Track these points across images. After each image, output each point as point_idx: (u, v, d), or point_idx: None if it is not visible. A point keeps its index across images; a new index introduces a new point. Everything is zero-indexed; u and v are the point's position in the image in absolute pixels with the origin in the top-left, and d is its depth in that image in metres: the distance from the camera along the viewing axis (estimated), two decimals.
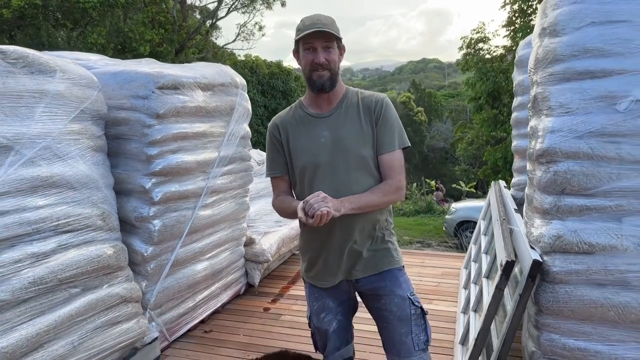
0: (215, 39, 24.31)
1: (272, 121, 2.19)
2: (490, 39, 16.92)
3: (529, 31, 13.66)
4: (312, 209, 1.74)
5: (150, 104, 3.30)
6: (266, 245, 4.54)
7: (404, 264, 2.23)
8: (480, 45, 16.88)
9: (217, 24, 23.76)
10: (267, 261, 4.51)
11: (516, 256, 2.69)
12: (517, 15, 15.54)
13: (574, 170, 2.43)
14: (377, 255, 2.11)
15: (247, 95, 4.21)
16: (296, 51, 2.05)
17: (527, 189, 2.88)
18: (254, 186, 4.65)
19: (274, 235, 4.76)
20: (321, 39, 1.96)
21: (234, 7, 22.75)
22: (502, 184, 4.46)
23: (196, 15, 23.85)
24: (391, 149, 2.05)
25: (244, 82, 4.18)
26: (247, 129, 4.21)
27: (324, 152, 2.02)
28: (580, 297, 2.42)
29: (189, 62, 10.17)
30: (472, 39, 16.98)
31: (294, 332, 3.73)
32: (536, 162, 2.62)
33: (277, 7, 22.41)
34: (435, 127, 44.24)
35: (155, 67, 3.63)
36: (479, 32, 16.94)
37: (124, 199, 3.37)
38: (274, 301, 4.33)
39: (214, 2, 22.43)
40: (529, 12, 15.18)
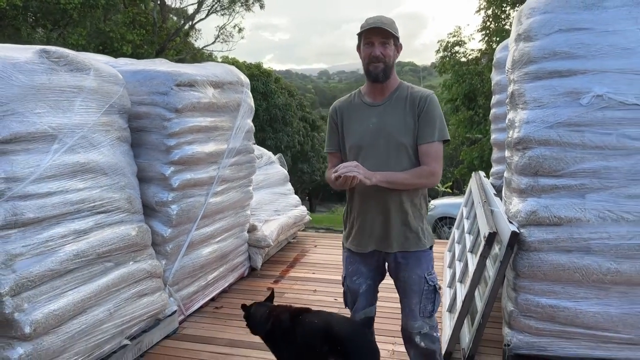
0: (194, 40, 24.44)
1: (332, 105, 2.54)
2: (466, 43, 17.51)
3: (503, 35, 14.25)
4: (343, 170, 2.11)
5: (169, 100, 3.65)
6: (267, 231, 4.92)
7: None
8: (456, 48, 17.42)
9: (196, 26, 23.91)
10: (268, 246, 4.89)
11: (497, 230, 3.11)
12: (491, 19, 16.16)
13: (545, 155, 2.88)
14: (408, 236, 2.42)
15: (250, 93, 4.58)
16: (358, 46, 2.40)
17: (505, 173, 3.32)
18: (254, 177, 5.01)
19: (274, 222, 5.15)
20: (379, 35, 2.27)
21: (213, 9, 22.92)
22: (482, 174, 4.93)
23: (173, 17, 23.89)
24: (430, 140, 2.31)
25: (248, 81, 4.57)
26: (251, 123, 4.59)
27: (369, 136, 2.35)
28: (551, 262, 2.87)
29: None
30: (448, 43, 17.51)
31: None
32: (514, 149, 3.07)
33: (255, 9, 22.67)
34: None
35: (170, 66, 3.98)
36: (455, 36, 17.48)
37: (145, 186, 3.71)
38: (276, 282, 4.71)
39: (193, 4, 22.60)
40: (503, 17, 15.80)
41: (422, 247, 2.45)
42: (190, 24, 23.07)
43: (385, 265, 2.57)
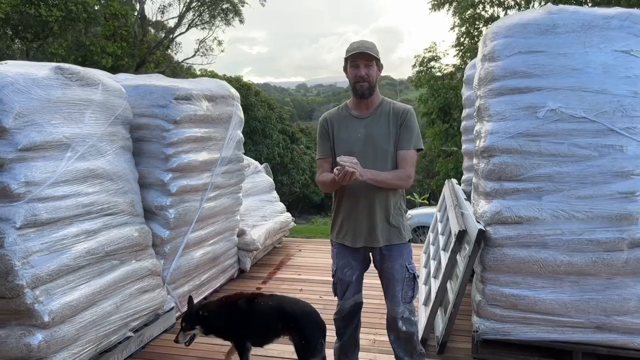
0: (175, 54, 24.66)
1: (323, 116, 2.89)
2: (441, 58, 18.13)
3: (476, 51, 14.83)
4: (347, 162, 2.42)
5: (169, 112, 3.98)
6: (255, 236, 5.24)
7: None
8: (432, 63, 18.02)
9: (176, 39, 24.14)
10: (256, 249, 5.21)
11: (466, 228, 3.49)
12: (464, 36, 16.81)
13: (507, 162, 3.28)
14: (390, 231, 2.79)
15: (240, 106, 4.93)
16: (345, 67, 2.76)
17: (473, 178, 3.72)
18: (242, 185, 5.33)
19: (261, 227, 5.47)
20: (363, 59, 2.64)
21: (194, 23, 23.19)
22: (454, 181, 5.34)
23: (151, 30, 24.03)
24: (407, 147, 2.69)
25: (238, 95, 4.91)
26: (241, 134, 4.93)
27: (358, 144, 2.70)
28: (513, 256, 3.25)
29: None
30: (424, 58, 18.10)
31: None
32: (480, 157, 3.47)
33: (235, 23, 23.06)
34: None
35: (168, 81, 4.31)
36: (431, 51, 18.10)
37: (145, 191, 4.00)
38: (264, 283, 5.03)
39: (174, 18, 22.87)
40: (476, 34, 16.46)
41: (403, 240, 2.82)
42: (170, 37, 23.31)
43: (370, 257, 2.92)
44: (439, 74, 17.79)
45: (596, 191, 3.12)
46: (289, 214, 6.44)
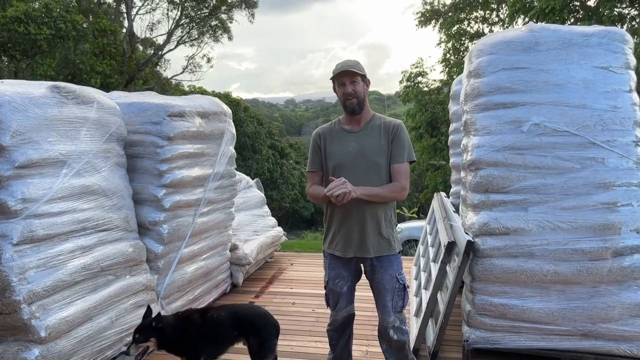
0: (163, 70, 24.73)
1: (316, 131, 2.98)
2: (428, 73, 18.41)
3: (462, 67, 15.09)
4: (337, 190, 2.51)
5: (162, 129, 4.04)
6: (248, 250, 5.29)
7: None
8: (419, 78, 18.30)
9: (165, 56, 24.23)
10: (248, 264, 5.25)
11: (455, 239, 3.57)
12: (451, 52, 17.10)
13: (494, 174, 3.38)
14: (381, 243, 2.86)
15: (232, 122, 5.01)
16: (334, 87, 2.86)
17: (461, 191, 3.81)
18: (234, 200, 5.39)
19: (253, 242, 5.52)
20: (348, 77, 2.76)
21: (182, 40, 23.30)
22: (443, 194, 5.44)
23: (140, 47, 24.11)
24: (401, 160, 2.79)
25: (230, 111, 5.00)
26: (233, 150, 5.00)
27: (349, 157, 2.79)
28: (501, 267, 3.33)
29: None
30: (411, 73, 18.38)
31: (278, 318, 4.41)
32: (467, 170, 3.57)
33: (223, 39, 23.22)
34: None
35: (161, 98, 4.38)
36: (418, 67, 18.39)
37: (138, 207, 4.05)
38: (257, 297, 5.07)
39: (162, 35, 22.98)
40: (462, 49, 16.75)
41: (393, 251, 2.90)
42: (159, 54, 23.40)
43: (361, 268, 2.99)
44: (426, 89, 18.04)
45: (580, 202, 3.22)
46: (280, 228, 6.50)
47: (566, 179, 3.25)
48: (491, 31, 16.77)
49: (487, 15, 17.14)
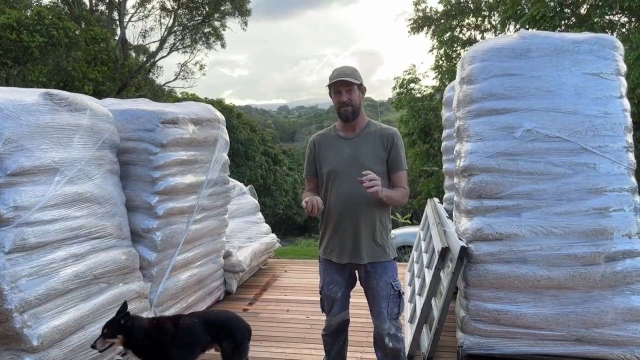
0: (156, 77, 24.69)
1: (311, 138, 3.00)
2: (420, 80, 18.47)
3: (454, 73, 15.16)
4: (370, 183, 2.54)
5: (155, 136, 4.03)
6: (241, 257, 5.27)
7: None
8: (412, 85, 18.34)
9: (157, 62, 24.19)
10: (242, 271, 5.23)
11: (449, 245, 3.58)
12: (443, 59, 17.17)
13: (487, 180, 3.39)
14: (375, 249, 2.86)
15: (225, 129, 5.00)
16: (330, 94, 2.87)
17: (455, 197, 3.83)
18: (228, 207, 5.38)
19: (247, 249, 5.51)
20: (344, 85, 2.78)
21: (175, 47, 23.28)
22: (436, 200, 5.45)
23: (132, 54, 24.06)
24: (401, 169, 2.85)
25: (223, 118, 5.00)
26: (227, 157, 5.00)
27: (344, 163, 2.81)
28: (494, 272, 3.35)
29: None
30: (404, 80, 18.42)
31: (272, 325, 4.45)
32: (461, 176, 3.58)
33: (216, 46, 23.23)
34: None
35: (154, 105, 4.37)
36: (410, 73, 18.44)
37: (131, 214, 4.03)
38: (251, 304, 5.04)
39: (155, 42, 22.96)
40: (454, 56, 16.83)
41: (388, 258, 2.90)
42: (152, 61, 23.37)
43: (356, 274, 2.99)
44: (418, 96, 18.09)
45: (572, 207, 3.24)
46: (274, 235, 6.49)
47: (558, 185, 3.27)
48: (483, 38, 16.89)
49: (479, 22, 17.24)
